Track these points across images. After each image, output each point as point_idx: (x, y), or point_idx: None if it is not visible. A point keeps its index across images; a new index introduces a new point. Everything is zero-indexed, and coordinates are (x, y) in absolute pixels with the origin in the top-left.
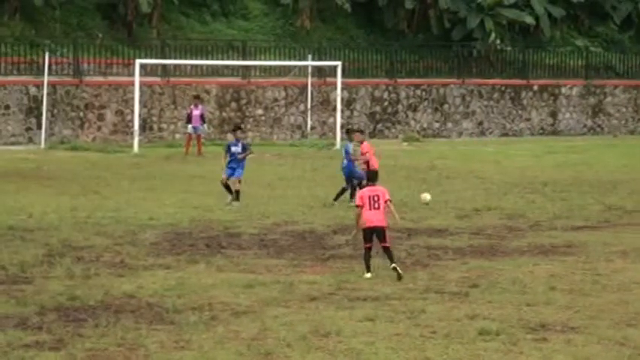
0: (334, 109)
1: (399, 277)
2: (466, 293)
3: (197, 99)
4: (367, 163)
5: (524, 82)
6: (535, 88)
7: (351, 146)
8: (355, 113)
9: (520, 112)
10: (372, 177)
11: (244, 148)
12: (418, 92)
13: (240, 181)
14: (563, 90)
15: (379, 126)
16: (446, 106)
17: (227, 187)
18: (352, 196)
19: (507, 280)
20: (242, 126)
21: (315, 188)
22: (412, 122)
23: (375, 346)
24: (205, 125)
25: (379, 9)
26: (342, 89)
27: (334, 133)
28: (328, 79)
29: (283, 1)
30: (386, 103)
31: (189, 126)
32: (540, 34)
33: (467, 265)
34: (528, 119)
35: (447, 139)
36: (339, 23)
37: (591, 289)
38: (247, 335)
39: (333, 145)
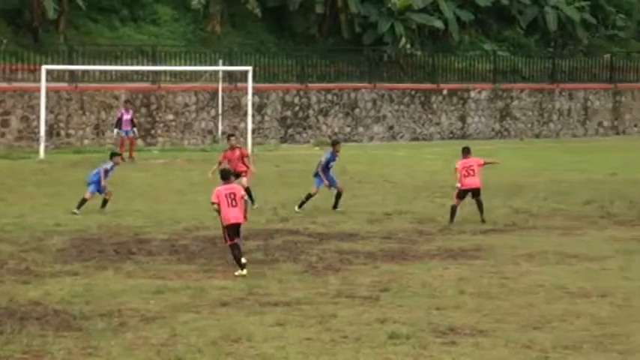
0: (245, 114)
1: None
2: (377, 297)
3: (128, 103)
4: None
5: (434, 86)
6: (445, 92)
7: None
8: (266, 118)
9: (430, 116)
10: (224, 175)
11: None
12: (329, 97)
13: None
14: (472, 94)
15: (290, 131)
16: (357, 111)
17: (84, 202)
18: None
19: (417, 283)
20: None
21: None
22: (323, 127)
23: (286, 350)
24: (135, 129)
25: (290, 14)
26: (253, 94)
27: (245, 138)
28: (239, 84)
29: (194, 7)
30: (297, 108)
31: (117, 130)
32: (449, 39)
33: (378, 269)
34: (438, 123)
35: (358, 143)
36: (250, 28)
37: (499, 292)
38: (157, 341)
39: None
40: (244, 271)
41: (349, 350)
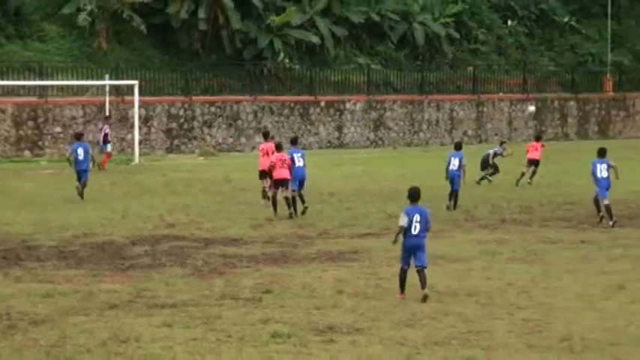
0: (132, 126)
1: None
2: (260, 299)
3: (109, 119)
4: None
5: (312, 98)
6: (322, 104)
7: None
8: (152, 130)
9: (309, 126)
10: None
11: None
12: (213, 109)
13: None
14: (348, 105)
15: (176, 141)
16: (239, 122)
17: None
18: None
19: (298, 285)
20: None
21: (114, 202)
22: (208, 137)
23: (173, 350)
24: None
25: (174, 30)
26: (140, 107)
27: (132, 149)
28: (126, 98)
29: (80, 24)
30: (182, 120)
31: (106, 145)
32: (326, 53)
33: (260, 272)
34: (316, 133)
35: (241, 153)
36: (136, 44)
37: (374, 292)
38: (46, 343)
39: (132, 160)
40: None
41: (233, 349)
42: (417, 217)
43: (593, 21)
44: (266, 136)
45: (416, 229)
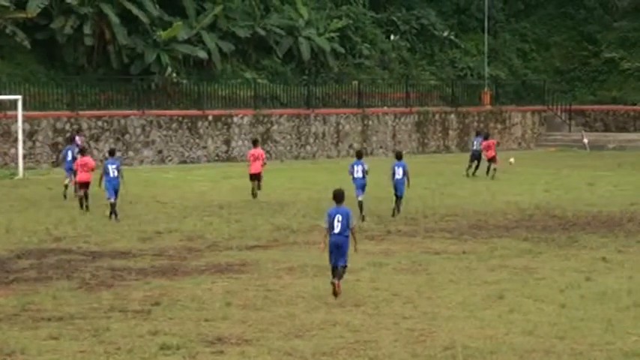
0: (15, 140)
1: None
2: (149, 311)
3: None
4: None
5: (199, 112)
6: (210, 118)
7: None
8: (37, 144)
9: (197, 140)
10: None
11: None
12: (100, 123)
13: None
14: (235, 119)
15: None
16: (127, 136)
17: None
18: None
19: (187, 297)
20: None
21: None
22: (95, 152)
23: None
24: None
25: (59, 45)
26: (24, 122)
27: (16, 163)
28: (9, 112)
29: None
30: (68, 134)
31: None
32: (213, 68)
33: (149, 284)
34: (205, 147)
35: (129, 166)
36: (19, 59)
37: (263, 303)
38: None
39: (15, 174)
40: None
41: None
42: (338, 217)
43: (471, 35)
44: (255, 143)
45: (337, 227)
